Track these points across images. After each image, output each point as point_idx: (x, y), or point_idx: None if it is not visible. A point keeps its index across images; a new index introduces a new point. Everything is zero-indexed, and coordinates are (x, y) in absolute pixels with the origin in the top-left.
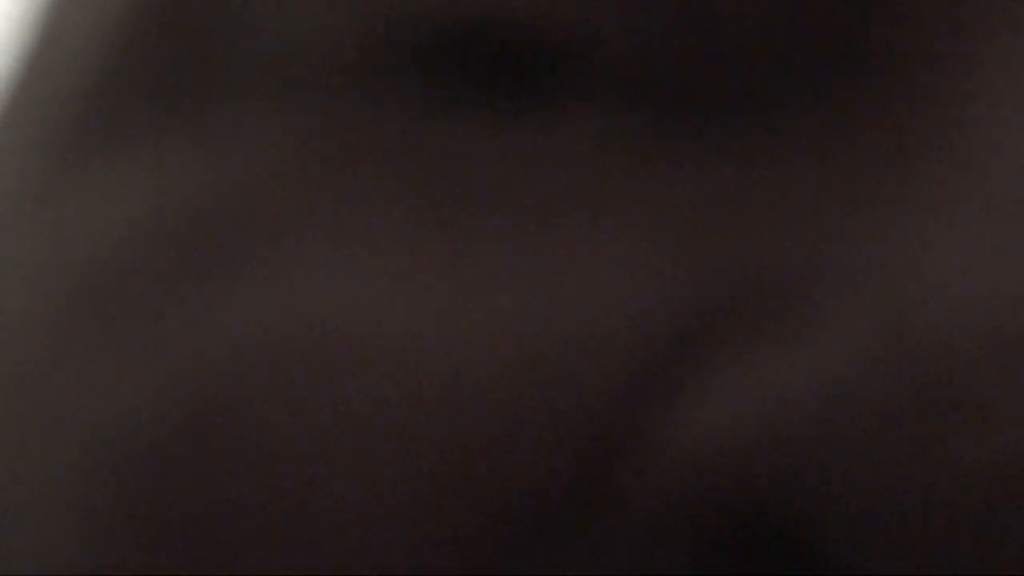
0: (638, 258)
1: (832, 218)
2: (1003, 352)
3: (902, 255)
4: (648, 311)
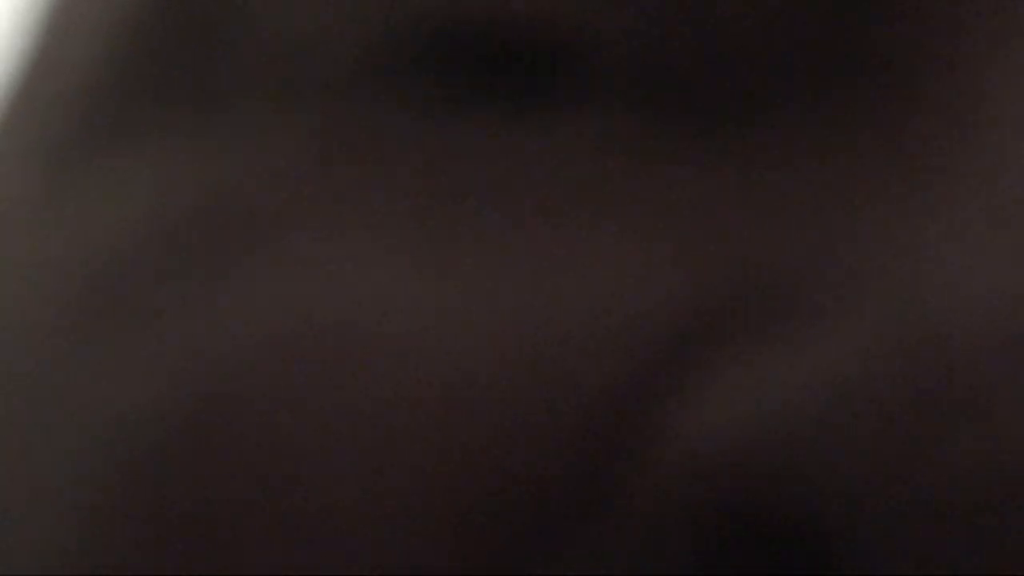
0: (639, 258)
1: (833, 218)
2: (1004, 351)
3: (903, 255)
4: (649, 311)
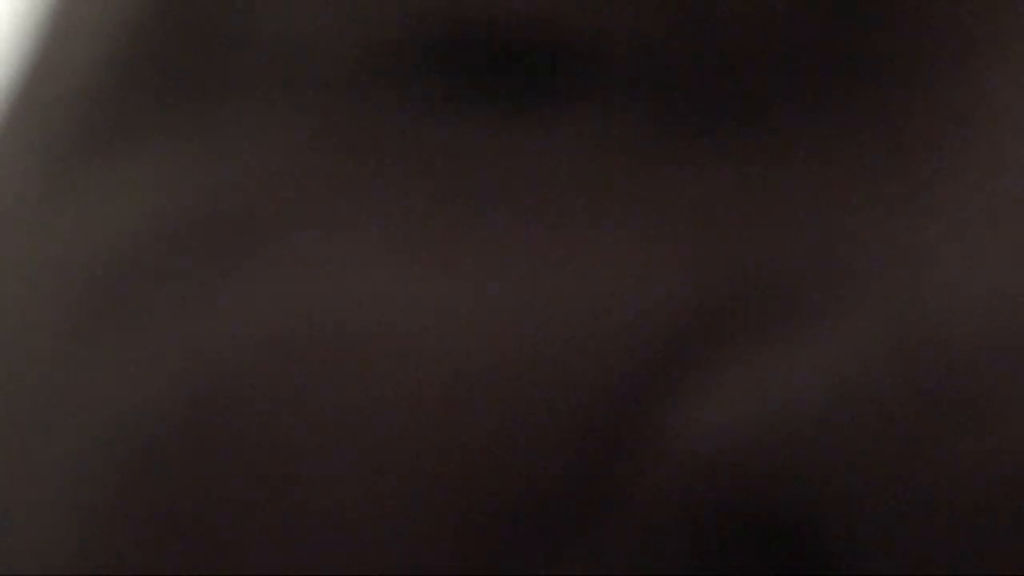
0: (639, 258)
1: (833, 218)
2: (1004, 352)
3: (903, 255)
4: (648, 311)
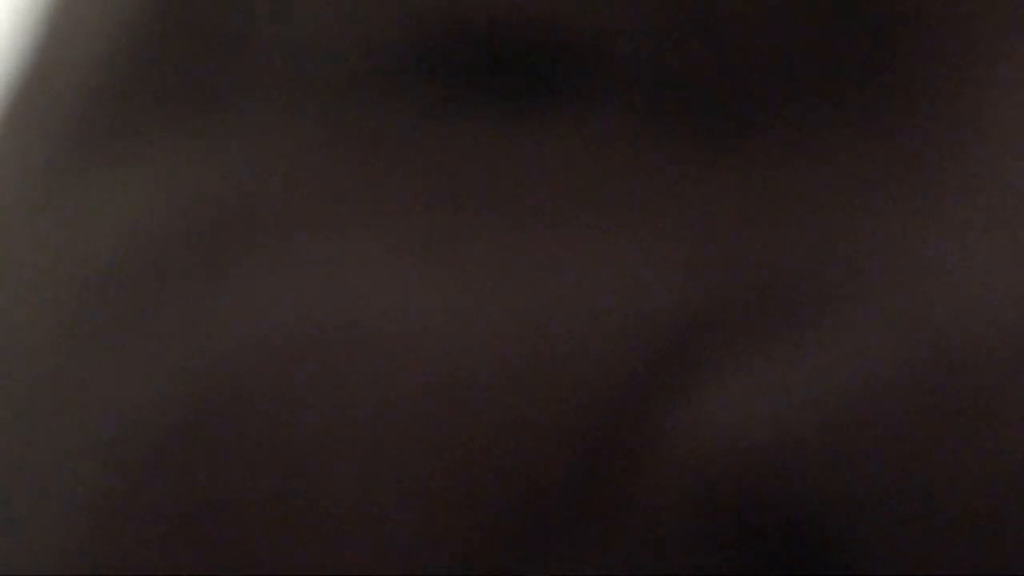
0: (640, 258)
1: (834, 219)
2: (1005, 352)
3: (904, 256)
4: (650, 311)
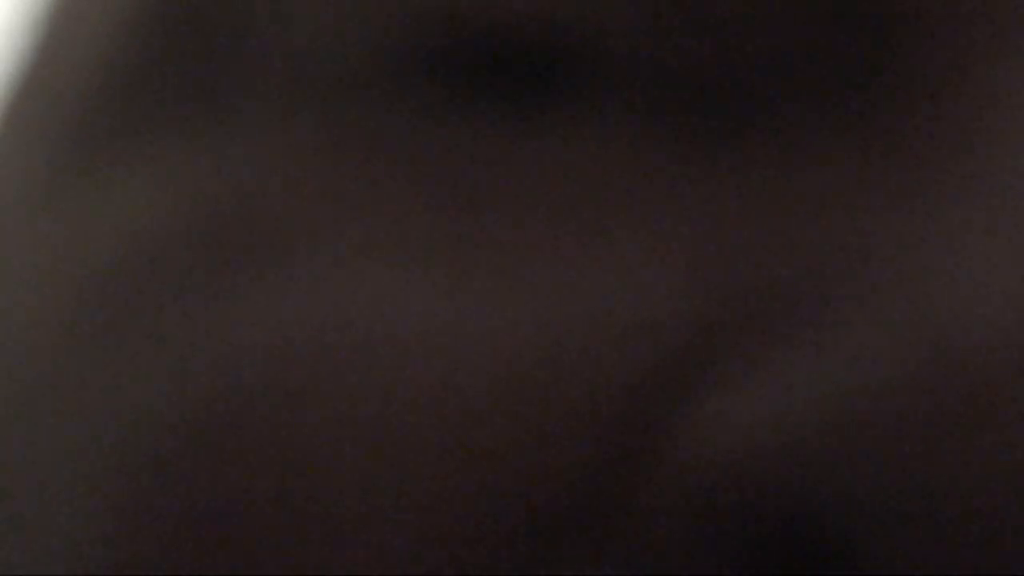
0: (642, 260)
1: (836, 220)
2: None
3: (908, 257)
4: (654, 315)
